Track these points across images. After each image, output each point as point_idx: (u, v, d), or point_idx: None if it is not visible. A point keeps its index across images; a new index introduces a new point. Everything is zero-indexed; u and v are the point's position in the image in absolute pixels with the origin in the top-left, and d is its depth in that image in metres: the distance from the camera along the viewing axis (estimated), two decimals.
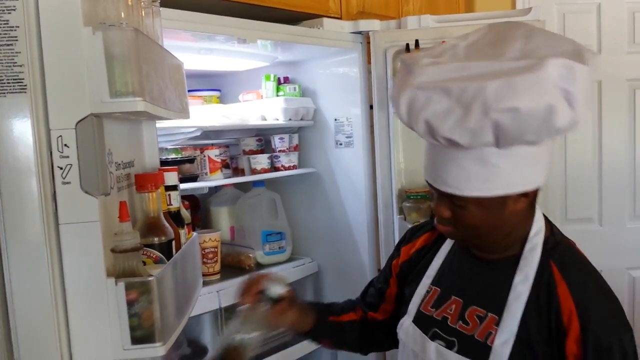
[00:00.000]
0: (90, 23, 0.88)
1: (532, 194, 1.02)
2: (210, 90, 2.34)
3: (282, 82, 2.26)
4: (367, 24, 2.05)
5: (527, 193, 1.01)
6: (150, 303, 0.92)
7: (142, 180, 1.08)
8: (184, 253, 1.16)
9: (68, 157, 0.88)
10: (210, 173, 2.03)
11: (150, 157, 1.29)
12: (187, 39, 1.72)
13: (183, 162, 1.93)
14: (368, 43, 2.05)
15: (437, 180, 1.02)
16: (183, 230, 1.23)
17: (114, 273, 0.93)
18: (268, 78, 2.24)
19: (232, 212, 2.26)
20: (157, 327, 0.92)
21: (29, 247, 0.88)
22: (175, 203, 1.22)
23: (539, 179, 1.01)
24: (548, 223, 1.11)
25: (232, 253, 2.17)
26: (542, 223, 1.08)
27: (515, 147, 0.93)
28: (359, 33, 2.06)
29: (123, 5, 0.94)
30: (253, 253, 2.15)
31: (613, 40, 2.53)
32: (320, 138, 2.28)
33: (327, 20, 2.00)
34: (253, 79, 2.33)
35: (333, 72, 2.21)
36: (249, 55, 2.09)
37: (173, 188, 1.22)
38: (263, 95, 2.26)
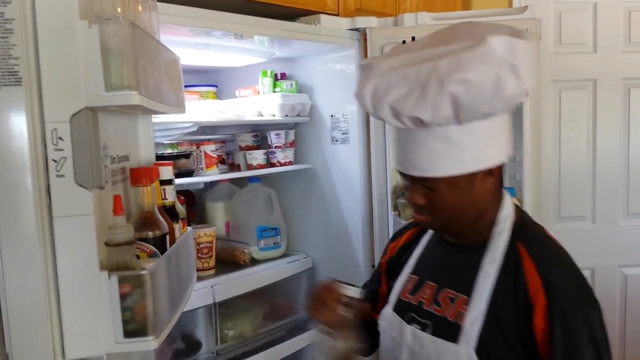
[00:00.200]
0: (87, 16, 0.88)
1: (497, 172, 1.09)
2: (207, 86, 2.35)
3: (279, 78, 2.26)
4: (364, 21, 2.05)
5: (492, 171, 1.07)
6: (143, 297, 0.92)
7: (136, 174, 1.08)
8: (178, 247, 1.16)
9: (62, 150, 0.88)
10: (206, 168, 2.03)
11: (146, 151, 1.28)
12: (184, 34, 1.72)
13: (179, 157, 1.94)
14: (365, 40, 2.05)
15: (408, 166, 1.08)
16: (178, 225, 1.23)
17: (108, 266, 0.93)
18: (265, 74, 2.24)
19: (227, 207, 2.26)
20: (149, 320, 0.92)
21: (23, 240, 0.88)
22: (170, 197, 1.22)
23: (502, 155, 1.07)
24: (519, 210, 1.16)
25: (227, 248, 2.18)
26: (510, 209, 1.13)
27: (475, 122, 1.00)
28: (356, 30, 2.07)
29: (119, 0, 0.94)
30: (248, 248, 2.16)
31: (608, 39, 2.53)
32: (316, 134, 2.28)
33: (324, 17, 2.00)
34: (250, 75, 2.33)
35: (330, 68, 2.21)
36: (246, 51, 2.09)
37: (168, 182, 1.22)
38: (260, 91, 2.26)
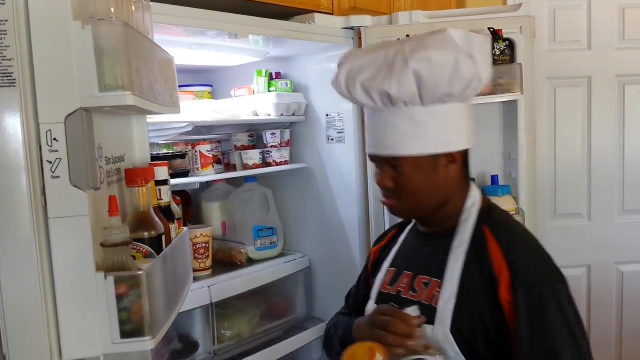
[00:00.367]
0: (80, 17, 0.88)
1: (460, 159, 1.17)
2: (202, 86, 2.35)
3: (274, 77, 2.26)
4: (358, 20, 2.05)
5: (454, 158, 1.15)
6: (140, 297, 0.92)
7: (132, 175, 1.08)
8: (174, 248, 1.16)
9: (57, 151, 0.88)
10: (202, 168, 2.03)
11: (141, 151, 1.28)
12: (178, 34, 1.72)
13: (174, 157, 1.94)
14: (360, 39, 2.05)
15: (377, 147, 1.17)
16: (173, 225, 1.23)
17: (104, 267, 0.93)
18: (260, 73, 2.24)
19: (223, 207, 2.26)
20: (146, 321, 0.92)
21: (18, 241, 0.88)
22: (166, 198, 1.22)
23: (462, 142, 1.17)
24: (486, 199, 1.24)
25: (223, 248, 2.17)
26: (477, 198, 1.21)
27: (437, 105, 1.11)
28: (351, 29, 2.06)
29: (113, 0, 0.94)
30: (244, 248, 2.16)
31: (603, 36, 2.54)
32: (312, 133, 2.28)
33: (318, 16, 2.00)
34: (245, 75, 2.33)
35: (325, 67, 2.21)
36: (241, 51, 2.09)
37: (163, 183, 1.22)
38: (255, 91, 2.26)
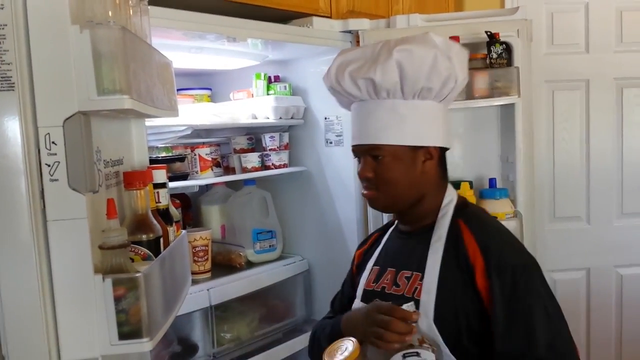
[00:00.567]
0: (78, 21, 0.89)
1: (437, 157, 1.25)
2: (201, 89, 2.36)
3: (272, 80, 2.27)
4: (356, 23, 2.06)
5: (431, 154, 1.23)
6: (138, 299, 0.92)
7: (130, 178, 1.08)
8: (172, 250, 1.16)
9: (56, 154, 0.89)
10: (201, 171, 2.04)
11: (140, 155, 1.29)
12: (177, 38, 1.73)
13: (173, 160, 1.94)
14: (358, 42, 2.06)
15: (360, 136, 1.26)
16: (172, 228, 1.23)
17: (102, 269, 0.93)
18: (259, 77, 2.25)
19: (223, 210, 2.27)
20: (144, 322, 0.93)
21: (17, 243, 0.89)
22: (164, 201, 1.23)
23: (439, 139, 1.25)
24: (461, 197, 1.32)
25: (222, 251, 2.18)
26: (453, 197, 1.28)
27: (418, 100, 1.20)
28: (349, 32, 2.07)
29: (110, 4, 0.94)
30: (244, 251, 2.17)
31: (601, 39, 2.55)
32: (311, 136, 2.29)
33: (316, 19, 2.01)
34: (244, 78, 2.34)
35: (323, 70, 2.15)
36: (240, 54, 2.10)
37: (162, 186, 1.22)
38: (254, 94, 2.27)
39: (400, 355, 1.09)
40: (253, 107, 2.24)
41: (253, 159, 2.16)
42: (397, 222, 1.38)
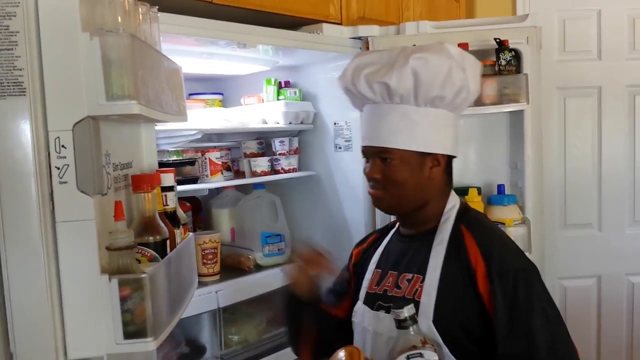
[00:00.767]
0: (88, 29, 0.91)
1: (444, 164, 1.27)
2: (213, 94, 2.38)
3: (282, 86, 2.29)
4: (366, 30, 2.08)
5: (439, 161, 1.26)
6: (143, 299, 0.94)
7: (138, 181, 1.11)
8: (179, 252, 1.18)
9: (65, 157, 0.91)
10: (211, 175, 2.06)
11: (149, 158, 1.32)
12: (189, 44, 1.76)
13: (184, 164, 1.97)
14: (367, 48, 2.08)
15: (371, 138, 1.27)
16: (179, 230, 1.25)
17: (109, 270, 0.96)
18: (269, 82, 2.27)
19: (232, 213, 2.28)
20: (149, 322, 0.95)
21: (27, 243, 0.91)
22: (172, 204, 1.25)
23: (447, 147, 1.27)
24: (463, 204, 1.33)
25: (232, 254, 2.20)
26: (456, 203, 1.31)
27: (430, 108, 1.22)
28: (358, 38, 2.09)
29: (120, 12, 0.97)
30: (252, 254, 2.18)
31: (613, 46, 2.54)
32: (320, 141, 2.31)
33: (326, 26, 2.03)
34: (255, 83, 2.37)
35: (333, 76, 2.23)
36: (250, 60, 2.12)
37: (169, 189, 1.25)
38: (264, 99, 2.29)
39: (404, 357, 1.10)
40: (263, 112, 2.26)
41: (263, 163, 2.18)
42: (398, 225, 1.40)
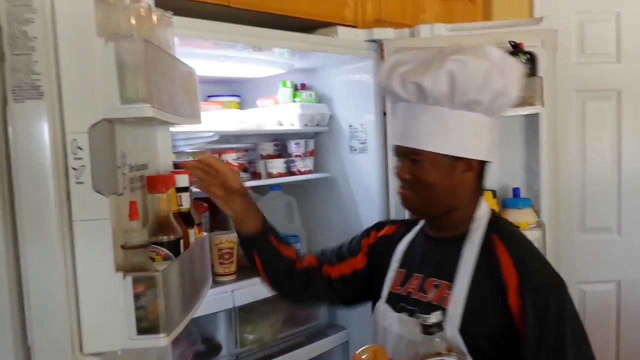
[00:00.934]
0: (103, 34, 0.94)
1: (476, 168, 1.23)
2: (230, 96, 2.41)
3: (298, 88, 2.32)
4: (380, 32, 2.09)
5: (472, 166, 1.22)
6: (156, 296, 0.97)
7: (153, 182, 1.13)
8: (193, 251, 1.21)
9: (82, 159, 0.94)
10: None
11: (164, 160, 1.34)
12: (206, 47, 1.79)
13: None
14: (382, 51, 2.09)
15: (403, 139, 1.23)
16: (192, 230, 1.28)
17: (124, 268, 0.98)
18: (285, 84, 2.30)
19: None
20: (161, 319, 0.97)
21: (45, 242, 0.94)
22: (186, 204, 1.27)
23: (481, 153, 1.22)
24: (494, 212, 1.31)
25: None
26: (486, 210, 1.28)
27: (465, 111, 1.18)
28: (373, 41, 2.10)
29: (135, 17, 1.00)
30: None
31: (633, 49, 2.52)
32: (335, 143, 2.33)
33: (341, 29, 2.04)
34: (271, 85, 2.39)
35: (348, 79, 2.25)
36: (266, 63, 2.15)
37: (184, 190, 1.27)
38: (280, 101, 2.32)
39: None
40: (279, 114, 2.29)
41: (278, 165, 2.21)
42: (423, 224, 1.37)
